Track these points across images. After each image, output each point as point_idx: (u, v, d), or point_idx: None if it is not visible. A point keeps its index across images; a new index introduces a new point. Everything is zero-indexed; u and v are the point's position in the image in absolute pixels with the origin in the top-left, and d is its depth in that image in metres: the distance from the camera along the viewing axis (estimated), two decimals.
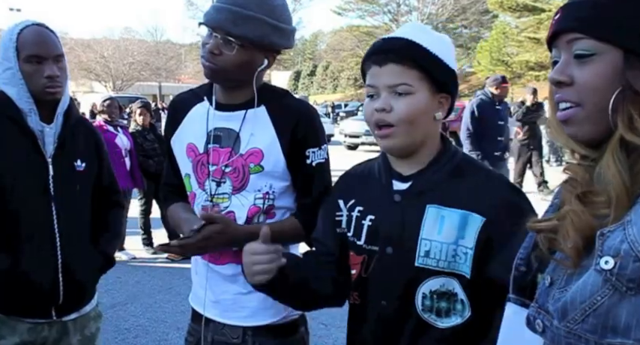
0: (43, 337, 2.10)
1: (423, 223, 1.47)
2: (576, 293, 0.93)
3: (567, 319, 0.93)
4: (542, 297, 1.02)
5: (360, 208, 1.58)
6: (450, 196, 1.47)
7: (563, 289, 0.97)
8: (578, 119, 1.01)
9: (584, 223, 0.96)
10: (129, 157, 6.61)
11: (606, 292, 0.89)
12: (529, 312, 1.04)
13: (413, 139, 1.50)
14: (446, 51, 1.52)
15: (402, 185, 1.53)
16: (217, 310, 1.86)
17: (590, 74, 0.99)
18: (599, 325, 0.89)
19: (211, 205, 1.83)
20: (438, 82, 1.50)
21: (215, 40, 1.73)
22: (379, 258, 1.52)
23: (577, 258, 0.96)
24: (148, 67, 49.38)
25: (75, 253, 2.10)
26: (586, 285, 0.92)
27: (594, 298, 0.90)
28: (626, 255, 0.87)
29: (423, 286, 1.47)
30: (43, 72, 2.01)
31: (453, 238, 1.44)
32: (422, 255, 1.46)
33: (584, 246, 0.95)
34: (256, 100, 1.82)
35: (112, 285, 5.93)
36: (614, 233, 0.90)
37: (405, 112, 1.47)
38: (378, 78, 1.50)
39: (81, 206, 2.18)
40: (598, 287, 0.90)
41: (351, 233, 1.59)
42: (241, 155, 1.81)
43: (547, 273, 1.03)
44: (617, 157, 0.95)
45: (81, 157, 2.17)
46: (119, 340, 4.57)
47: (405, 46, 1.48)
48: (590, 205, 0.98)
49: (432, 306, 1.47)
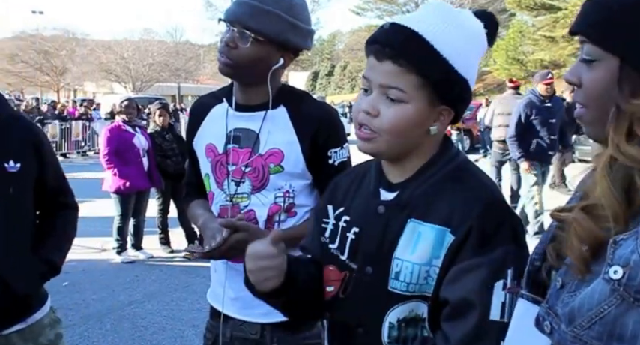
0: None
1: (399, 240, 1.27)
2: (584, 300, 0.92)
3: (574, 325, 0.92)
4: (553, 298, 1.01)
5: (346, 218, 1.39)
6: (431, 210, 1.26)
7: (572, 293, 0.96)
8: (586, 120, 1.02)
9: (588, 233, 0.95)
10: (147, 158, 6.66)
11: (613, 302, 0.88)
12: (539, 312, 1.03)
13: (396, 150, 1.29)
14: (464, 51, 1.26)
15: (388, 195, 1.33)
16: (236, 307, 1.87)
17: (592, 79, 0.99)
18: (605, 333, 0.89)
19: (230, 206, 1.84)
20: (440, 92, 1.25)
21: (231, 34, 1.75)
22: (358, 278, 1.33)
23: (583, 266, 0.95)
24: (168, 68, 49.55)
25: (8, 262, 1.92)
26: (594, 293, 0.91)
27: (601, 307, 0.89)
28: (635, 266, 0.86)
29: (391, 314, 1.28)
30: None
31: (427, 258, 1.24)
32: (392, 277, 1.27)
33: (593, 253, 0.94)
34: (271, 100, 1.82)
35: (130, 283, 6.00)
36: (626, 241, 0.89)
37: (391, 122, 1.25)
38: (373, 72, 1.27)
39: (16, 211, 1.98)
40: (605, 296, 0.89)
41: (335, 245, 1.40)
42: (261, 155, 1.82)
43: (559, 275, 1.02)
44: (608, 176, 0.94)
45: (14, 157, 1.95)
46: (136, 337, 4.61)
47: (405, 42, 1.23)
48: (595, 218, 0.96)
49: (399, 336, 1.28)
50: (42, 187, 2.08)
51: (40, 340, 2.06)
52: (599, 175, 0.95)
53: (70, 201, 2.24)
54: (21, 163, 1.97)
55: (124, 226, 6.70)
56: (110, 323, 4.91)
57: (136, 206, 6.75)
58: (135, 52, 48.60)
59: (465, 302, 1.19)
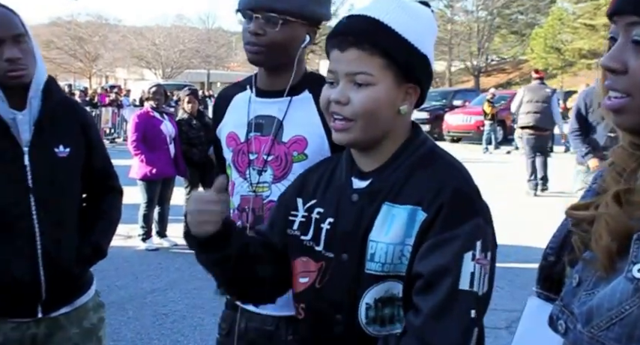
0: (30, 333, 2.01)
1: (373, 224, 1.33)
2: (604, 299, 0.88)
3: (592, 325, 0.89)
4: (568, 296, 0.97)
5: (319, 210, 1.43)
6: (403, 192, 1.32)
7: (590, 291, 0.92)
8: (626, 110, 0.93)
9: (620, 226, 0.90)
10: (173, 145, 6.70)
11: (636, 302, 0.84)
12: (552, 310, 1.00)
13: (371, 134, 1.34)
14: (420, 31, 1.34)
15: (361, 183, 1.38)
16: None
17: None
18: (624, 335, 0.85)
19: (254, 196, 1.81)
20: (404, 71, 1.32)
21: (257, 22, 1.71)
22: (335, 266, 1.37)
23: (608, 262, 0.91)
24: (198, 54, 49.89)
25: (57, 246, 1.98)
26: (615, 291, 0.87)
27: (622, 307, 0.85)
28: None
29: (367, 295, 1.32)
30: (3, 55, 1.86)
31: (401, 238, 1.30)
32: (368, 259, 1.32)
33: (619, 249, 0.89)
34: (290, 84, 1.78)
35: (153, 271, 6.06)
36: None
37: (363, 106, 1.30)
38: (338, 63, 1.33)
39: (64, 195, 2.04)
40: (628, 296, 0.85)
41: (308, 237, 1.43)
42: (284, 143, 1.79)
43: (576, 271, 0.98)
44: None
45: (64, 141, 2.02)
46: (157, 325, 4.66)
47: (366, 28, 1.30)
48: (628, 206, 0.91)
49: (376, 316, 1.33)
50: (89, 171, 2.15)
51: (84, 324, 2.12)
52: None
53: (115, 185, 2.30)
54: (70, 147, 2.04)
55: (149, 213, 6.76)
56: (132, 310, 4.96)
57: (162, 193, 6.80)
58: (166, 38, 49.03)
59: (435, 274, 1.24)
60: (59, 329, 2.05)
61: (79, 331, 2.10)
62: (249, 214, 1.82)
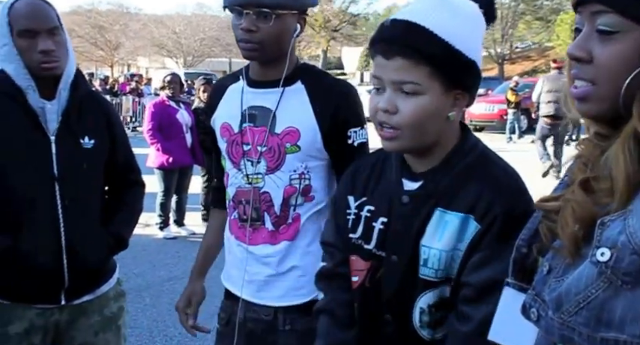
0: (54, 320, 2.06)
1: (426, 229, 1.33)
2: (571, 284, 0.90)
3: (561, 311, 0.90)
4: (540, 285, 0.99)
5: (370, 208, 1.43)
6: (456, 199, 1.32)
7: (559, 278, 0.94)
8: (591, 98, 0.95)
9: (586, 212, 0.92)
10: (190, 134, 6.74)
11: (601, 285, 0.86)
12: (525, 299, 1.01)
13: (420, 142, 1.33)
14: (467, 35, 1.30)
15: (412, 185, 1.38)
16: (250, 290, 1.88)
17: (611, 54, 0.92)
18: (592, 319, 0.86)
19: (252, 189, 1.82)
20: (453, 78, 1.30)
21: (248, 18, 1.70)
22: (387, 266, 1.38)
23: (574, 248, 0.93)
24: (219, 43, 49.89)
25: (80, 235, 2.02)
26: (581, 276, 0.89)
27: (588, 291, 0.87)
28: (623, 247, 0.84)
29: (421, 300, 1.34)
30: (37, 46, 1.92)
31: (452, 245, 1.31)
32: (421, 264, 1.33)
33: (584, 235, 0.91)
34: (284, 74, 1.79)
35: (171, 259, 6.13)
36: (614, 222, 0.86)
37: (412, 116, 1.28)
38: (383, 71, 1.30)
39: (88, 185, 2.10)
40: (593, 280, 0.87)
41: (357, 235, 1.44)
42: (277, 134, 1.79)
43: (546, 260, 1.00)
44: (627, 149, 0.90)
45: (89, 133, 2.07)
46: (173, 313, 4.62)
47: (411, 36, 1.27)
48: (593, 193, 0.93)
49: (430, 320, 1.35)
50: (112, 165, 2.20)
51: (104, 312, 2.17)
52: (618, 145, 0.91)
53: (138, 178, 2.35)
54: (95, 139, 2.09)
55: (166, 202, 6.83)
56: (149, 298, 5.04)
57: (179, 182, 6.86)
58: (187, 26, 49.15)
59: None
60: (81, 316, 2.11)
61: (100, 319, 2.16)
62: (245, 206, 1.83)
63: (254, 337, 1.88)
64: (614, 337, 0.84)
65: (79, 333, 2.12)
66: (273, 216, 1.82)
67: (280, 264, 1.83)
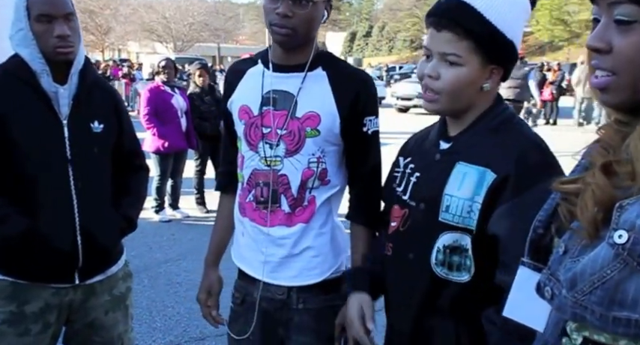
0: (68, 299, 2.09)
1: (448, 180, 1.48)
2: (587, 265, 0.90)
3: (575, 290, 0.91)
4: (555, 264, 0.99)
5: (412, 166, 1.63)
6: (477, 154, 1.46)
7: (575, 258, 0.94)
8: (612, 88, 0.94)
9: (606, 195, 0.92)
10: (185, 118, 6.70)
11: (616, 266, 0.86)
12: (540, 278, 1.02)
13: (455, 107, 1.50)
14: (510, 16, 1.43)
15: (445, 145, 1.55)
16: (265, 271, 1.88)
17: (630, 43, 0.91)
18: (606, 298, 0.87)
19: (271, 171, 1.82)
20: (491, 55, 1.44)
21: (285, 3, 1.67)
22: (414, 213, 1.56)
23: (593, 229, 0.93)
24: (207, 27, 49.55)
25: (94, 217, 2.05)
26: (597, 257, 0.89)
27: (604, 272, 0.87)
28: None
29: (439, 240, 1.49)
30: (54, 31, 1.93)
31: (470, 194, 1.44)
32: (443, 210, 1.48)
33: (603, 218, 0.91)
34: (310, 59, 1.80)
35: (166, 242, 6.13)
36: (632, 206, 0.87)
37: (450, 83, 1.45)
38: (433, 42, 1.47)
39: (99, 169, 2.12)
40: (609, 261, 0.87)
41: (401, 188, 1.63)
42: (298, 118, 1.79)
43: (562, 241, 1.00)
44: None
45: (98, 118, 2.10)
46: (171, 293, 4.73)
47: (460, 13, 1.41)
48: (614, 176, 0.93)
49: (445, 260, 1.48)
50: (119, 149, 2.21)
51: (114, 292, 2.20)
52: (638, 133, 0.91)
53: (143, 163, 2.38)
54: (104, 124, 2.12)
55: (162, 186, 6.80)
56: (147, 279, 5.04)
57: (174, 166, 6.82)
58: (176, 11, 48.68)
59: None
60: (93, 296, 2.14)
61: (109, 299, 2.19)
62: (263, 189, 1.83)
63: (268, 315, 1.89)
64: (626, 316, 0.86)
65: (91, 312, 2.15)
66: (290, 198, 1.82)
67: (295, 245, 1.83)
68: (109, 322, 2.19)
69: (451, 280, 1.48)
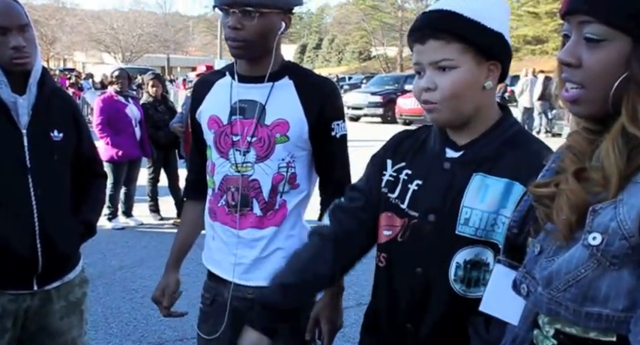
0: (25, 306, 2.07)
1: (466, 191, 1.40)
2: (562, 264, 0.96)
3: (551, 287, 0.96)
4: (530, 263, 1.04)
5: (408, 172, 1.52)
6: (498, 166, 1.39)
7: (551, 258, 1.00)
8: (582, 100, 1.00)
9: (579, 200, 0.97)
10: (139, 127, 6.65)
11: (590, 266, 0.92)
12: (516, 276, 1.07)
13: (461, 112, 1.41)
14: (490, 13, 1.40)
15: (454, 154, 1.46)
16: (237, 273, 1.90)
17: (598, 59, 0.96)
18: (579, 295, 0.93)
19: (240, 177, 1.85)
20: (482, 51, 1.38)
21: (234, 16, 1.73)
22: (420, 224, 1.46)
23: (568, 232, 0.98)
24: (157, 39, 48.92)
25: (53, 223, 2.05)
26: (572, 258, 0.95)
27: (578, 270, 0.93)
28: (613, 232, 0.90)
29: (458, 255, 1.40)
30: (9, 43, 1.93)
31: (495, 207, 1.37)
32: (461, 223, 1.39)
33: (577, 221, 0.96)
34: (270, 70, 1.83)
35: (121, 249, 6.06)
36: (605, 210, 0.92)
37: (449, 88, 1.38)
38: (421, 56, 1.41)
39: (59, 176, 2.12)
40: (583, 261, 0.93)
41: (395, 195, 1.52)
42: (267, 126, 1.84)
43: (537, 241, 1.05)
44: (617, 145, 0.95)
45: (57, 127, 2.10)
46: (127, 300, 4.69)
47: (440, 19, 1.38)
48: (586, 182, 0.98)
49: (464, 276, 1.40)
50: (78, 156, 2.20)
51: (69, 298, 2.17)
52: (609, 140, 0.96)
53: (101, 170, 2.38)
54: (64, 132, 2.11)
55: (115, 193, 6.72)
56: (102, 287, 4.98)
57: (128, 175, 6.76)
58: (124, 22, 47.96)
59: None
60: (49, 302, 2.11)
61: (65, 304, 2.15)
62: (234, 193, 1.87)
63: (239, 314, 1.90)
64: (597, 311, 0.92)
65: (46, 318, 2.12)
66: (262, 202, 1.86)
67: (267, 247, 1.87)
68: (63, 326, 2.16)
69: (469, 297, 1.40)
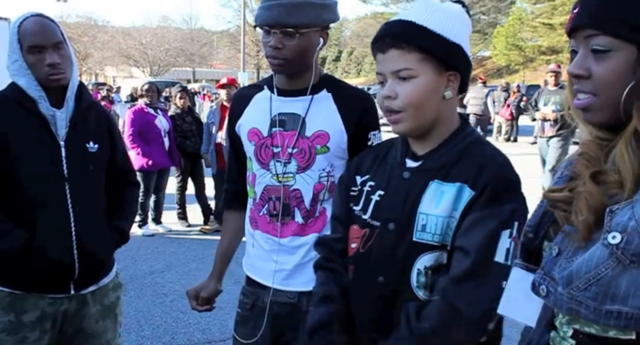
0: (63, 309, 2.12)
1: (422, 198, 1.40)
2: (582, 264, 0.96)
3: (571, 287, 0.96)
4: (549, 265, 1.04)
5: (371, 184, 1.52)
6: (452, 173, 1.40)
7: (570, 259, 1.00)
8: (594, 108, 1.02)
9: (597, 201, 0.98)
10: (167, 138, 6.73)
11: (610, 265, 0.92)
12: (535, 278, 1.07)
13: (422, 121, 1.41)
14: (449, 25, 1.40)
15: (413, 163, 1.47)
16: (278, 279, 1.91)
17: (607, 69, 1.00)
18: (600, 293, 0.93)
19: (282, 187, 1.86)
20: (442, 61, 1.38)
21: (275, 36, 1.76)
22: (380, 233, 1.45)
23: (587, 233, 0.98)
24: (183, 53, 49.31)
25: (89, 230, 2.08)
26: (592, 257, 0.95)
27: (599, 270, 0.93)
28: (632, 231, 0.90)
29: (419, 262, 1.39)
30: (45, 60, 1.99)
31: (448, 212, 1.37)
32: (419, 229, 1.39)
33: (595, 222, 0.97)
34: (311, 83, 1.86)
35: (151, 254, 6.12)
36: (622, 210, 0.93)
37: (409, 97, 1.37)
38: (382, 65, 1.41)
39: (94, 185, 2.16)
40: (604, 260, 0.93)
41: (359, 207, 1.52)
42: (307, 137, 1.85)
43: (555, 244, 1.06)
44: (631, 147, 0.97)
45: (93, 138, 2.15)
46: (158, 304, 4.73)
47: (401, 29, 1.38)
48: (603, 185, 1.00)
49: (427, 282, 1.39)
50: (112, 166, 2.24)
51: (104, 302, 2.22)
52: (623, 143, 0.98)
53: (134, 179, 2.42)
54: (99, 144, 2.16)
55: (145, 201, 6.80)
56: (134, 291, 5.02)
57: (157, 183, 6.84)
58: (152, 38, 48.44)
59: (473, 246, 1.32)
60: (85, 305, 2.15)
61: (100, 308, 2.20)
62: (275, 203, 1.88)
63: (278, 318, 1.91)
64: (617, 309, 0.92)
65: (83, 321, 2.16)
66: (304, 211, 1.87)
67: (307, 254, 1.87)
68: (99, 329, 2.20)
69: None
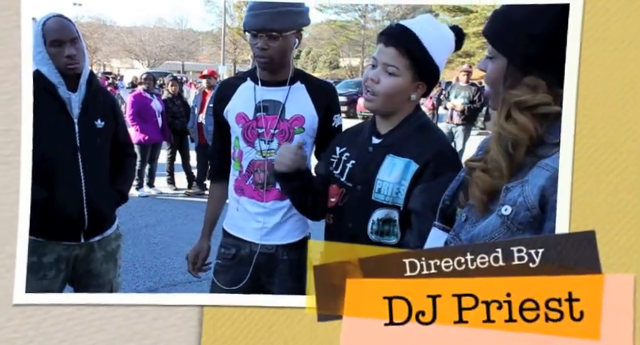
0: (75, 254, 2.11)
1: (380, 168, 1.48)
2: (481, 229, 1.00)
3: None
4: (458, 228, 1.08)
5: (347, 154, 1.60)
6: (403, 149, 1.47)
7: (473, 224, 1.03)
8: (491, 95, 1.09)
9: (487, 185, 1.00)
10: (160, 118, 6.64)
11: (502, 231, 0.97)
12: (447, 237, 1.10)
13: (387, 108, 1.48)
14: (440, 48, 1.45)
15: (377, 140, 1.53)
16: (258, 236, 1.89)
17: (492, 70, 1.06)
18: None
19: (265, 161, 1.84)
20: (421, 74, 1.44)
21: (262, 39, 1.75)
22: (352, 192, 1.54)
23: (482, 208, 1.02)
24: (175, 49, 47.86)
25: (96, 191, 2.08)
26: (489, 224, 0.99)
27: (493, 234, 0.98)
28: (520, 205, 0.94)
29: (374, 215, 1.49)
30: (64, 53, 1.99)
31: (398, 179, 1.45)
32: (376, 191, 1.48)
33: (489, 198, 1.00)
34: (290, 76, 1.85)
35: (145, 212, 5.95)
36: (515, 188, 0.96)
37: (386, 89, 1.44)
38: (380, 54, 1.45)
39: (100, 155, 2.15)
40: (497, 227, 0.97)
41: (337, 172, 1.60)
42: (287, 120, 1.84)
43: (464, 211, 1.09)
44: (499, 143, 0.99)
45: (100, 117, 2.13)
46: (150, 251, 4.62)
47: (406, 37, 1.43)
48: (490, 173, 1.02)
49: (378, 229, 1.49)
50: (115, 140, 2.23)
51: (107, 249, 2.21)
52: (492, 142, 1.00)
53: (132, 151, 2.42)
54: (105, 121, 2.15)
55: (142, 169, 6.67)
56: (131, 240, 4.88)
57: (151, 154, 6.74)
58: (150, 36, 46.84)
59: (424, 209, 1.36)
60: (92, 251, 2.17)
61: (104, 253, 2.20)
62: (260, 174, 1.86)
63: (258, 266, 1.89)
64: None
65: (90, 263, 2.17)
66: None
67: (286, 213, 1.86)
68: (103, 270, 2.21)
69: (382, 243, 1.50)
